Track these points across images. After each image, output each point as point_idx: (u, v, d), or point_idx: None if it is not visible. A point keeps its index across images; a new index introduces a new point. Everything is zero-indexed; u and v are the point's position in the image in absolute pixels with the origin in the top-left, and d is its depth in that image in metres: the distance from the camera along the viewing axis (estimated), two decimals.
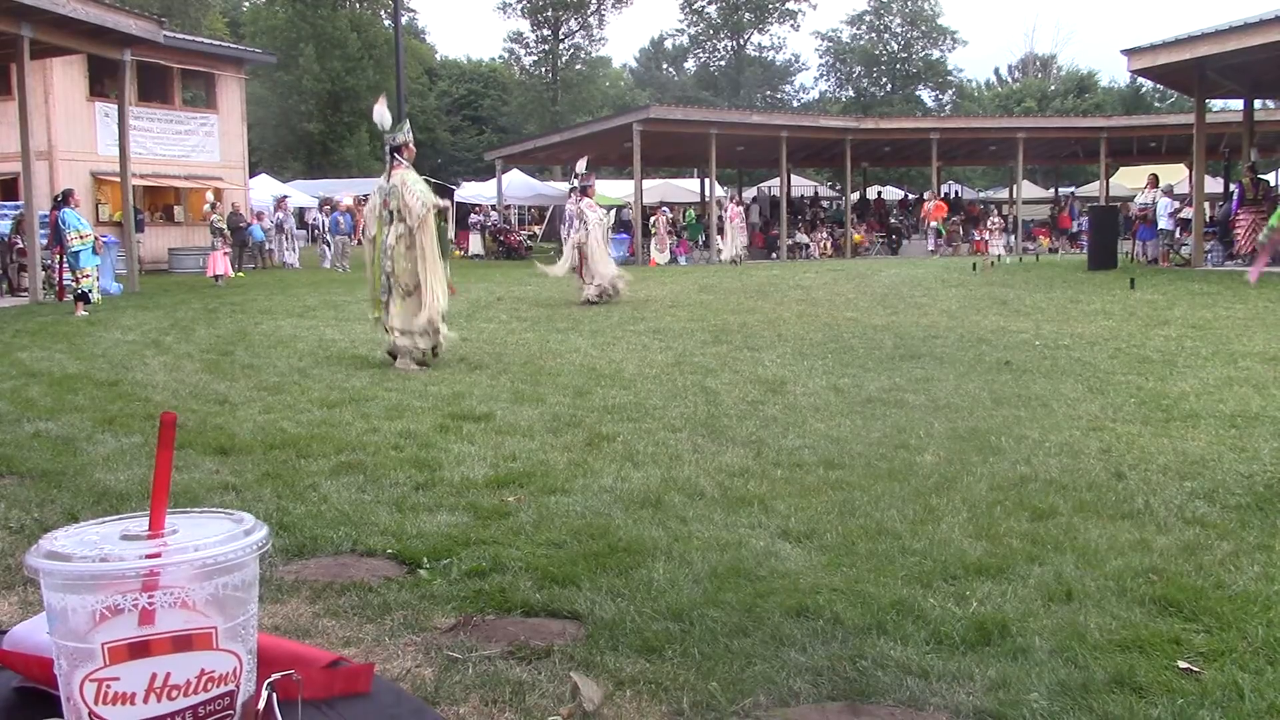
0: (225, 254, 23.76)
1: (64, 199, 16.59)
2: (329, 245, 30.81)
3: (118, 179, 22.47)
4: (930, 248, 35.67)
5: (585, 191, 17.81)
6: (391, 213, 9.98)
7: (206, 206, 25.60)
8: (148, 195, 28.84)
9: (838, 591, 3.94)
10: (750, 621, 3.69)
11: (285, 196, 34.66)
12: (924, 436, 6.78)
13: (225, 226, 24.49)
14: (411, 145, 10.21)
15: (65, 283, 17.10)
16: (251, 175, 34.81)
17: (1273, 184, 24.81)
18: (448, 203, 10.81)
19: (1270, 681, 3.16)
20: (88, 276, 16.13)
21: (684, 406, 7.93)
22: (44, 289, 18.43)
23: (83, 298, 15.81)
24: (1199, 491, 5.37)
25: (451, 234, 10.79)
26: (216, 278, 22.76)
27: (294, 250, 31.89)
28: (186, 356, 10.95)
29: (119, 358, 10.84)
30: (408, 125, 10.36)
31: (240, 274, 26.17)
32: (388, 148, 10.21)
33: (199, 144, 29.47)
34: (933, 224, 36.20)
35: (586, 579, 4.10)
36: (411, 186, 9.93)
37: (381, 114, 10.05)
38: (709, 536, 4.66)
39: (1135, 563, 4.24)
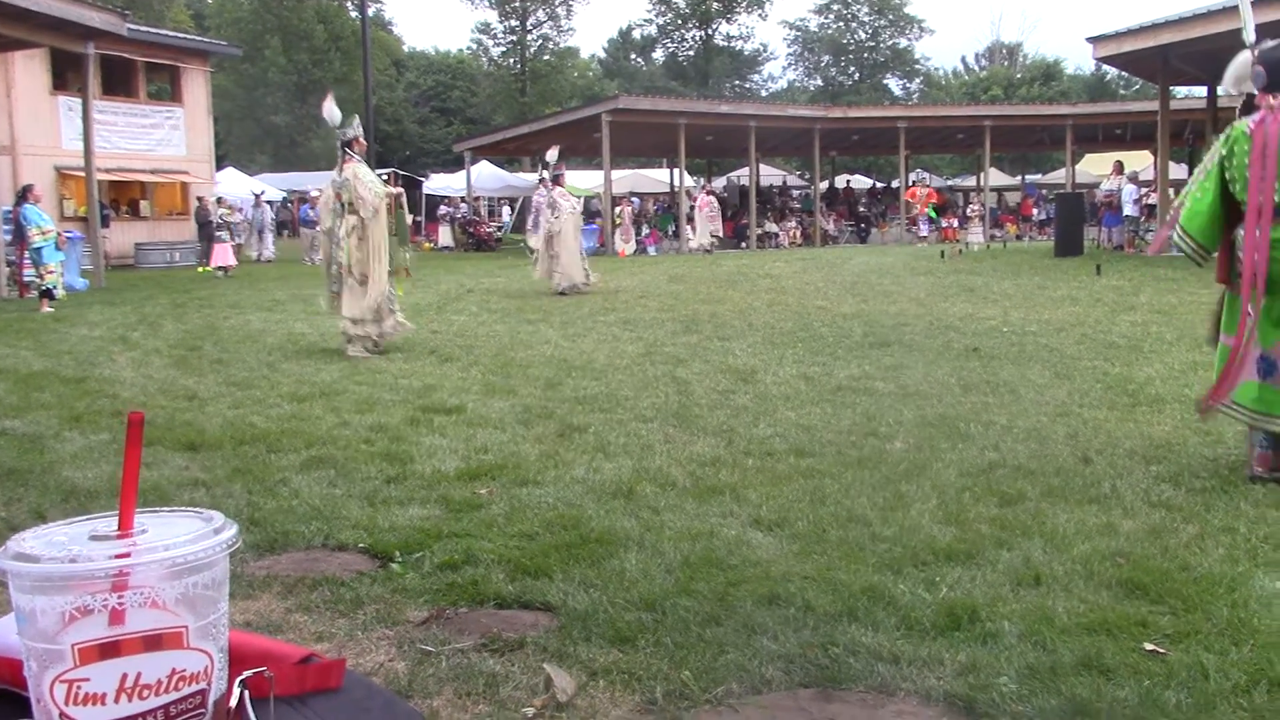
0: (234, 245, 25.12)
1: (24, 195, 16.40)
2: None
3: (82, 174, 22.25)
4: (923, 233, 35.33)
5: (557, 180, 17.82)
6: (344, 205, 10.30)
7: (213, 200, 26.79)
8: (113, 190, 28.56)
9: (809, 579, 3.97)
10: (722, 610, 3.70)
11: (262, 192, 34.41)
12: (893, 424, 6.82)
13: (229, 221, 25.54)
14: (362, 139, 10.71)
15: (28, 279, 16.91)
16: (218, 168, 34.56)
17: None
18: (402, 190, 11.09)
19: (1235, 662, 3.20)
20: (52, 273, 15.95)
21: (655, 397, 7.94)
22: (8, 285, 18.22)
23: (47, 294, 15.66)
24: (1164, 475, 5.43)
25: (410, 220, 11.02)
26: (219, 269, 23.75)
27: (267, 245, 31.71)
28: (154, 352, 10.87)
29: (85, 354, 10.75)
30: (357, 120, 10.81)
31: (205, 269, 26.10)
32: (339, 143, 10.59)
33: (164, 137, 29.21)
34: (916, 208, 35.98)
35: (559, 570, 4.11)
36: (363, 179, 10.29)
37: (331, 110, 10.43)
38: (681, 526, 4.68)
39: (1102, 546, 4.28)
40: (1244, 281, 5.29)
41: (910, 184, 37.97)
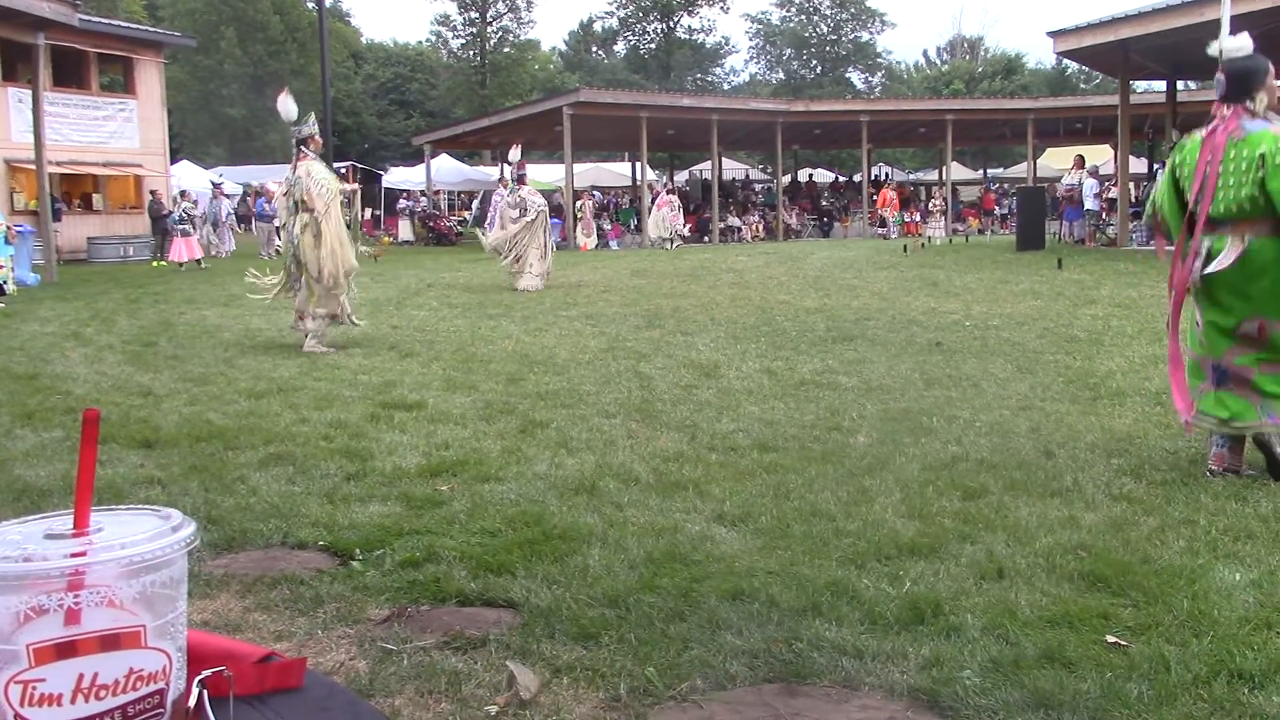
0: (198, 240, 25.27)
1: None
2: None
3: (33, 166, 21.94)
4: (882, 232, 35.47)
5: (521, 180, 17.74)
6: (297, 203, 10.32)
7: (176, 193, 27.09)
8: (65, 183, 28.20)
9: (773, 574, 3.97)
10: (686, 606, 3.70)
11: (221, 184, 34.01)
12: (857, 418, 6.84)
13: (192, 215, 25.56)
14: (318, 138, 10.69)
15: None
16: (173, 161, 34.20)
17: None
18: (354, 187, 11.09)
19: (1195, 653, 3.23)
20: (1, 268, 15.75)
21: (617, 392, 7.93)
22: None
23: None
24: (1126, 468, 5.48)
25: (361, 215, 11.04)
26: (181, 264, 23.78)
27: (225, 240, 31.40)
28: (108, 348, 10.74)
29: (37, 350, 10.60)
30: (313, 117, 10.79)
31: (158, 263, 25.91)
32: (294, 140, 10.54)
33: (117, 130, 28.82)
34: (887, 213, 36.14)
35: (522, 567, 4.08)
36: (315, 177, 10.31)
37: (287, 107, 10.41)
38: (644, 522, 4.67)
39: (1064, 539, 4.31)
40: (1173, 286, 5.37)
41: (879, 184, 38.13)
